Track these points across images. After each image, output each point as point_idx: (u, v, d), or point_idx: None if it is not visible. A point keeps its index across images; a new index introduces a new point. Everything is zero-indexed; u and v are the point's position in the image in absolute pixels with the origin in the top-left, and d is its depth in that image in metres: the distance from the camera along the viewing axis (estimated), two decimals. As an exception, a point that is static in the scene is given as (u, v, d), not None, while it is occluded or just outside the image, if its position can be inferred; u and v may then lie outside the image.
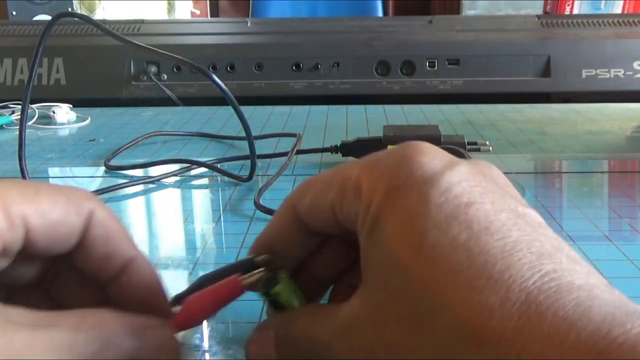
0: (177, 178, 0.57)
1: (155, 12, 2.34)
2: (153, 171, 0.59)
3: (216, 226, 0.46)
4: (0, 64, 1.05)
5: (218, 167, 0.59)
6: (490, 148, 0.59)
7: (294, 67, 1.03)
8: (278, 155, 0.62)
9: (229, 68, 1.03)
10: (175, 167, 0.59)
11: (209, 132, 0.73)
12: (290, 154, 0.60)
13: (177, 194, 0.54)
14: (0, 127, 0.79)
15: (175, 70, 1.04)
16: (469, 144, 0.58)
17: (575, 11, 1.89)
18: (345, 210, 0.24)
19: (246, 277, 0.25)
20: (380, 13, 2.18)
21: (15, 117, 0.80)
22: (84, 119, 0.83)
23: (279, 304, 0.26)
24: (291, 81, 1.03)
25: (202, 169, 0.59)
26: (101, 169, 0.61)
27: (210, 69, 1.02)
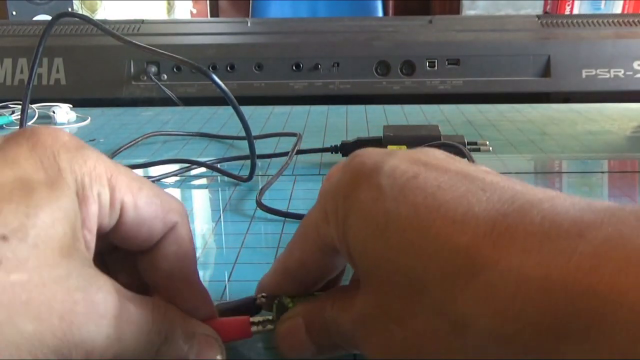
0: (177, 178, 0.57)
1: (155, 12, 2.34)
2: (153, 171, 0.59)
3: (216, 226, 0.46)
4: (0, 64, 1.05)
5: (218, 167, 0.59)
6: (490, 148, 0.59)
7: (294, 67, 1.03)
8: (278, 155, 0.62)
9: (229, 68, 1.03)
10: (175, 167, 0.59)
11: (209, 132, 0.73)
12: (291, 153, 0.60)
13: (177, 194, 0.54)
14: (0, 127, 0.79)
15: (175, 70, 1.04)
16: (469, 144, 0.58)
17: (575, 11, 1.90)
18: (325, 241, 0.25)
19: (256, 322, 0.27)
20: (380, 13, 2.18)
21: (15, 117, 0.80)
22: (84, 119, 0.83)
23: None
24: (291, 81, 1.03)
25: (202, 169, 0.59)
26: (101, 169, 0.60)
27: (210, 69, 1.02)
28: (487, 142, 0.59)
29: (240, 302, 0.29)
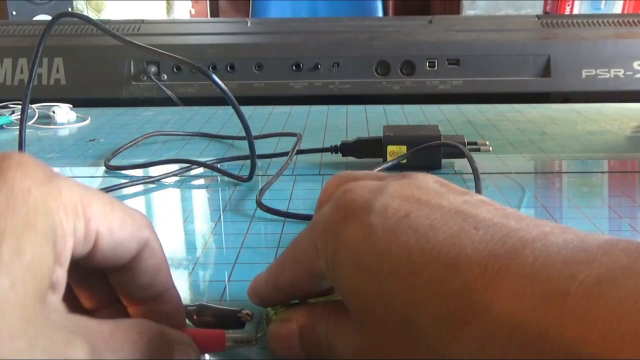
0: (177, 178, 0.57)
1: (155, 12, 2.34)
2: (153, 171, 0.59)
3: (216, 226, 0.46)
4: (0, 64, 1.05)
5: (218, 167, 0.59)
6: (490, 148, 0.59)
7: (294, 67, 1.03)
8: (278, 155, 0.62)
9: (229, 68, 1.03)
10: (175, 167, 0.59)
11: (209, 132, 0.73)
12: (291, 153, 0.60)
13: (177, 194, 0.54)
14: (0, 127, 0.79)
15: (175, 70, 1.04)
16: (469, 144, 0.58)
17: (575, 11, 1.90)
18: (315, 270, 0.26)
19: (231, 337, 0.28)
20: (380, 13, 2.18)
21: (15, 117, 0.80)
22: (84, 119, 0.83)
23: None
24: (291, 81, 1.03)
25: (202, 169, 0.59)
26: (101, 169, 0.61)
27: (210, 69, 1.02)
28: (487, 142, 0.59)
29: (223, 312, 0.29)
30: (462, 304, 0.19)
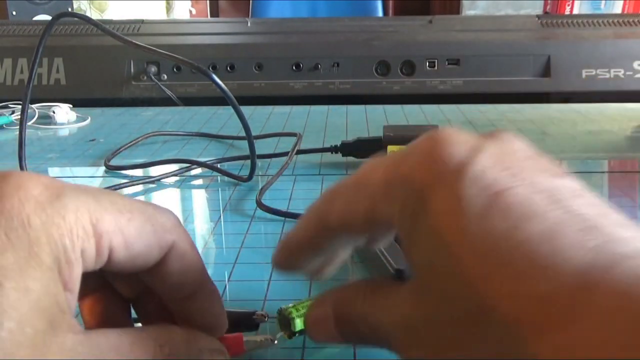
0: (177, 178, 0.57)
1: (154, 12, 2.34)
2: (153, 171, 0.59)
3: (216, 226, 0.46)
4: (0, 64, 1.05)
5: (218, 167, 0.59)
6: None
7: (294, 67, 1.03)
8: (278, 155, 0.62)
9: (229, 68, 1.03)
10: (175, 167, 0.59)
11: (209, 132, 0.73)
12: (291, 153, 0.60)
13: (177, 194, 0.54)
14: (0, 127, 0.79)
15: (175, 70, 1.04)
16: (469, 144, 0.58)
17: (575, 11, 1.90)
18: (380, 212, 0.23)
19: (250, 340, 0.27)
20: (380, 13, 2.18)
21: (15, 117, 0.80)
22: (84, 119, 0.83)
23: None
24: (291, 81, 1.03)
25: (202, 169, 0.59)
26: (101, 169, 0.61)
27: (210, 69, 1.02)
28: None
29: (237, 315, 0.29)
30: (546, 309, 0.18)
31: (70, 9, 2.04)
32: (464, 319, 0.20)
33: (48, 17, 1.81)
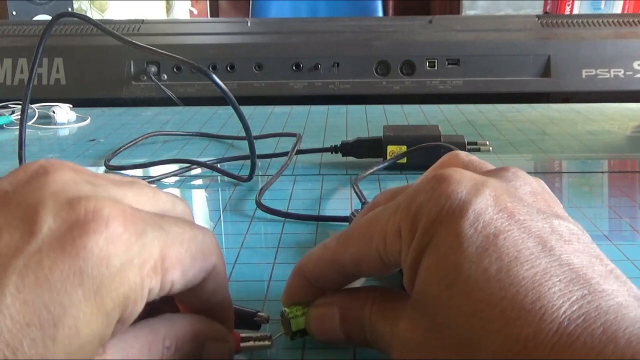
0: (177, 178, 0.57)
1: (155, 12, 2.34)
2: (153, 171, 0.59)
3: (216, 226, 0.46)
4: (0, 64, 1.05)
5: (218, 167, 0.59)
6: (490, 148, 0.58)
7: (294, 67, 1.03)
8: (278, 155, 0.62)
9: (229, 68, 1.03)
10: (175, 167, 0.59)
11: (209, 132, 0.73)
12: (291, 153, 0.60)
13: (177, 194, 0.54)
14: (0, 127, 0.79)
15: (175, 70, 1.04)
16: (469, 144, 0.58)
17: (575, 11, 1.90)
18: (390, 253, 0.25)
19: (245, 338, 0.28)
20: (380, 13, 2.18)
21: (15, 117, 0.80)
22: (84, 119, 0.83)
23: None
24: (291, 81, 1.03)
25: (202, 169, 0.59)
26: (101, 169, 0.61)
27: (210, 69, 1.02)
28: (487, 142, 0.59)
29: (238, 313, 0.29)
30: (528, 350, 0.19)
31: (70, 9, 2.04)
32: (451, 348, 0.21)
33: (48, 17, 1.81)
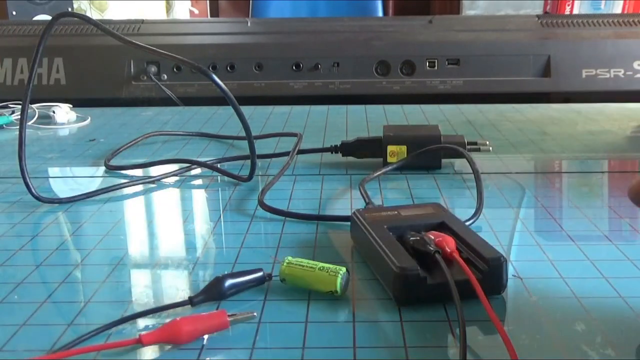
0: (177, 178, 0.57)
1: (155, 12, 2.34)
2: (153, 171, 0.59)
3: (216, 226, 0.46)
4: (0, 64, 1.05)
5: (218, 167, 0.59)
6: (490, 148, 0.59)
7: (294, 67, 1.03)
8: (278, 155, 0.62)
9: (229, 68, 1.03)
10: (175, 167, 0.59)
11: (209, 132, 0.73)
12: (292, 153, 0.60)
13: (177, 194, 0.54)
14: (0, 127, 0.79)
15: (175, 70, 1.04)
16: (469, 144, 0.58)
17: (575, 11, 1.89)
18: None
19: (232, 316, 0.30)
20: (380, 13, 2.18)
21: (15, 117, 0.80)
22: (84, 119, 0.83)
23: None
24: (291, 81, 1.03)
25: (202, 169, 0.59)
26: (101, 169, 0.61)
27: (210, 69, 1.02)
28: (487, 142, 0.59)
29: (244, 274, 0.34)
30: None
31: (70, 9, 2.04)
32: None
33: (48, 17, 1.81)
